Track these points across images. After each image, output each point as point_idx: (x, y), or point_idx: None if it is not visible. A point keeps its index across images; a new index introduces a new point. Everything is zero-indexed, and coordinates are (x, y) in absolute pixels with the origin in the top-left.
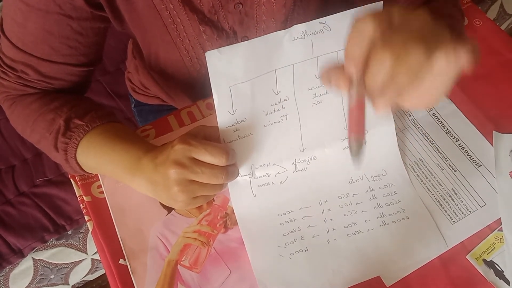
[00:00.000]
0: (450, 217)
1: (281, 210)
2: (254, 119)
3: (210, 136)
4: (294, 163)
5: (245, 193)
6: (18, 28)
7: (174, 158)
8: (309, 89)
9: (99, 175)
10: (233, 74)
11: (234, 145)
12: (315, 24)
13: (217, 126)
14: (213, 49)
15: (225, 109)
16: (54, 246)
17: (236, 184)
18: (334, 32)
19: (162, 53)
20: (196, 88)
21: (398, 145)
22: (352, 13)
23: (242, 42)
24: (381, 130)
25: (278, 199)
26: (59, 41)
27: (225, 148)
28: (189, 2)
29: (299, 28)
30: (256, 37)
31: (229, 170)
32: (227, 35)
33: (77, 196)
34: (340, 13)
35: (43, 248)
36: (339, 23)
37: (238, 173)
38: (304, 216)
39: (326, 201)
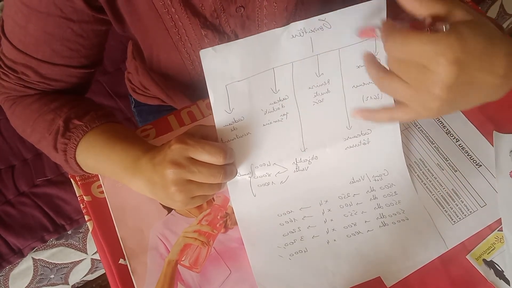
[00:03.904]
0: (451, 217)
1: (281, 210)
2: (252, 118)
3: (207, 136)
4: (295, 163)
5: (245, 193)
6: (19, 30)
7: (171, 158)
8: (309, 88)
9: (99, 175)
10: (229, 72)
11: (232, 145)
12: (314, 21)
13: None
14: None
15: (221, 108)
16: (54, 246)
17: (235, 183)
18: (335, 30)
19: (163, 56)
20: (197, 90)
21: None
22: (353, 10)
23: (238, 40)
24: (385, 128)
25: (278, 199)
26: (60, 43)
27: (222, 147)
28: (191, 6)
29: (297, 26)
30: None
31: (227, 169)
32: (228, 39)
33: (77, 196)
34: (340, 10)
35: (43, 248)
36: (340, 20)
37: (237, 172)
38: (304, 217)
39: (326, 201)
